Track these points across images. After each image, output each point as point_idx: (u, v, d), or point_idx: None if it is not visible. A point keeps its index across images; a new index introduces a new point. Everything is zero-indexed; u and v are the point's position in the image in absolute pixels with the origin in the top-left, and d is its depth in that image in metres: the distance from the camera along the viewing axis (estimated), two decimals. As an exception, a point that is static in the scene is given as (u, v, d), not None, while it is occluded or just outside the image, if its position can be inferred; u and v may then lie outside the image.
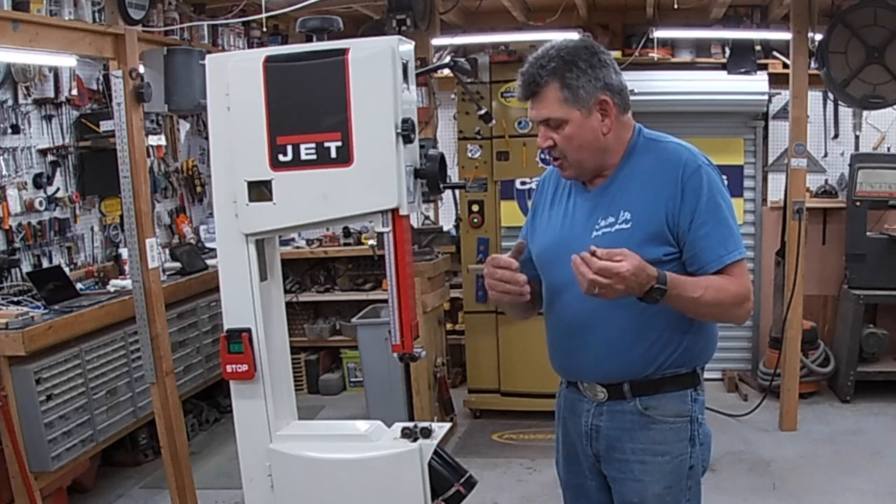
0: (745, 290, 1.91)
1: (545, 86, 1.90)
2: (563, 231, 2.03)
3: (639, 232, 1.89)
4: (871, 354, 5.22)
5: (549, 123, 1.92)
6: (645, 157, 1.96)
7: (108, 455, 4.41)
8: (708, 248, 1.88)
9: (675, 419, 1.97)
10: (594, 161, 1.95)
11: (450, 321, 5.64)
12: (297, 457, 1.99)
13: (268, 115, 1.87)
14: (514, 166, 4.97)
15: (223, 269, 2.01)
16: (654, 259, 1.85)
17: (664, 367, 1.95)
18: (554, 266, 2.02)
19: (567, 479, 2.18)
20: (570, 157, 1.94)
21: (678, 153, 1.93)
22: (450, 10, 5.23)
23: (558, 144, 1.93)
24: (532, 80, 1.91)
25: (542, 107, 1.92)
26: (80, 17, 3.77)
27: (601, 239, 1.91)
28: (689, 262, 1.91)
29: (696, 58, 5.80)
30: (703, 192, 1.88)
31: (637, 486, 1.98)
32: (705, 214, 1.87)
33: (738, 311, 1.92)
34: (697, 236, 1.88)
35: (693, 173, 1.89)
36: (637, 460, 1.98)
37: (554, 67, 1.89)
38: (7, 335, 3.34)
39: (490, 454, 4.59)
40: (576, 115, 1.90)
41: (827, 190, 5.73)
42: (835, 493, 3.93)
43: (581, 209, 2.01)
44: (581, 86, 1.88)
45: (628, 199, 1.93)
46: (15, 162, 4.16)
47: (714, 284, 1.88)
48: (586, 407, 2.04)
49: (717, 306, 1.89)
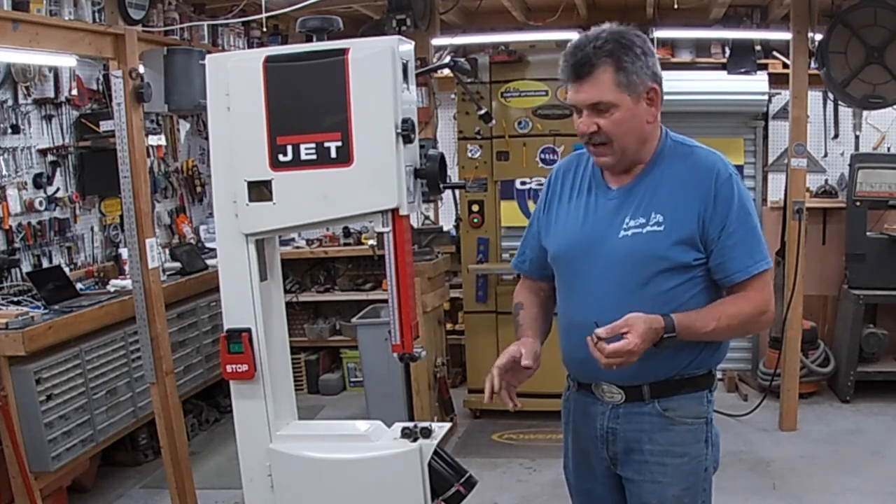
0: (764, 302, 1.92)
1: (599, 67, 1.84)
2: (585, 229, 1.99)
3: (672, 235, 1.88)
4: (871, 354, 5.21)
5: (598, 107, 1.87)
6: (676, 161, 1.95)
7: (108, 455, 4.41)
8: (736, 258, 1.89)
9: (693, 420, 1.97)
10: (636, 149, 1.93)
11: (450, 321, 5.64)
12: (297, 457, 1.99)
13: (268, 115, 1.87)
14: (514, 166, 4.97)
15: (223, 269, 2.01)
16: (683, 263, 1.88)
17: (685, 369, 1.95)
18: (575, 265, 2.00)
19: (577, 484, 2.16)
20: (616, 143, 1.89)
21: (711, 161, 1.94)
22: (450, 10, 5.23)
23: (604, 129, 1.88)
24: (586, 61, 1.84)
25: (593, 89, 1.85)
26: (80, 17, 3.78)
27: (631, 239, 1.90)
28: (715, 271, 1.91)
29: (696, 58, 5.81)
30: (735, 202, 1.88)
31: (656, 488, 1.97)
32: (736, 223, 1.88)
33: (757, 326, 1.97)
34: (726, 245, 1.88)
35: (725, 182, 1.89)
36: (656, 462, 1.97)
37: (611, 49, 1.84)
38: (7, 335, 3.33)
39: (490, 454, 4.59)
40: (627, 101, 1.86)
41: (827, 190, 5.73)
42: (835, 493, 3.93)
43: (604, 207, 1.98)
44: (636, 71, 1.85)
45: (659, 201, 1.91)
46: (15, 162, 4.16)
47: (727, 311, 1.90)
48: (600, 410, 2.02)
49: (733, 330, 1.93)
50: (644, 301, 1.87)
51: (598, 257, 1.94)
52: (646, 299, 1.88)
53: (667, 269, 1.89)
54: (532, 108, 4.89)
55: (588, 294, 1.96)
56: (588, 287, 1.96)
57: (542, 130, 4.89)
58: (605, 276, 1.93)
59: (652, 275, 1.89)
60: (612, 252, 1.92)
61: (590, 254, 1.96)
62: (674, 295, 1.89)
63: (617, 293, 1.90)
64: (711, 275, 1.92)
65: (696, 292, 1.92)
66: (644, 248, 1.88)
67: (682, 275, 1.90)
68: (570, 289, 2.03)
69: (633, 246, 1.90)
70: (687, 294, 1.91)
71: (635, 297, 1.88)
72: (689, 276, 1.90)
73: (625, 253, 1.90)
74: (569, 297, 2.04)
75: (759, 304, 1.91)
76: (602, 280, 1.93)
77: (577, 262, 1.98)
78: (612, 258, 1.92)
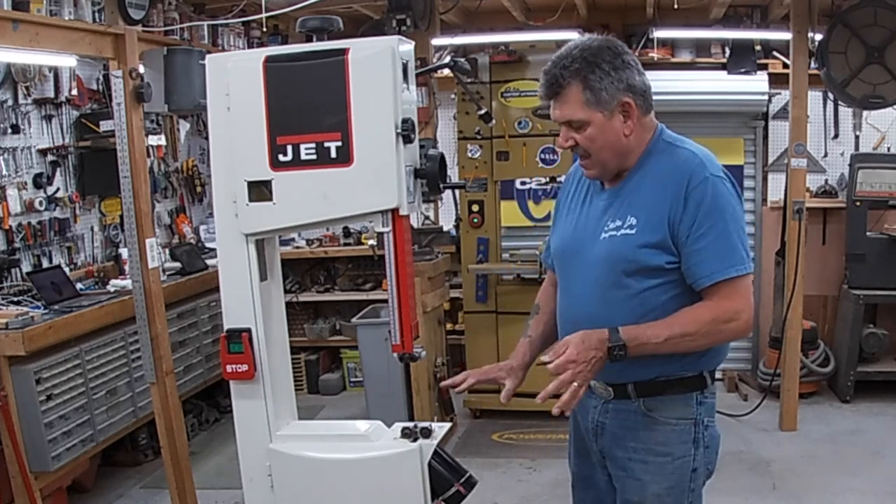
0: (730, 311, 1.83)
1: (567, 87, 1.87)
2: (576, 230, 2.03)
3: (641, 238, 1.88)
4: (871, 354, 5.21)
5: (571, 124, 1.90)
6: (659, 162, 1.93)
7: (108, 455, 4.41)
8: (703, 263, 1.84)
9: (678, 421, 1.97)
10: (616, 162, 1.94)
11: (450, 321, 5.64)
12: (297, 457, 1.99)
13: (268, 115, 1.87)
14: (514, 166, 4.96)
15: (223, 269, 2.02)
16: (655, 266, 1.87)
17: (668, 370, 1.94)
18: (565, 265, 2.06)
19: (578, 470, 2.21)
20: (593, 157, 1.93)
21: (688, 162, 1.89)
22: (450, 10, 5.23)
23: (580, 144, 1.91)
24: (554, 81, 1.88)
25: (564, 108, 1.89)
26: (80, 17, 3.78)
27: (608, 241, 1.92)
28: (686, 275, 1.88)
29: (696, 58, 5.80)
30: (706, 204, 1.83)
31: (637, 486, 1.99)
32: (705, 226, 1.82)
33: (722, 336, 1.88)
34: (693, 249, 1.84)
35: (699, 184, 1.84)
36: (638, 459, 1.98)
37: (577, 68, 1.85)
38: (7, 335, 3.33)
39: (490, 454, 4.59)
40: (598, 117, 1.87)
41: (827, 190, 5.73)
42: (835, 493, 3.93)
43: (595, 209, 2.01)
44: (604, 88, 1.85)
45: (637, 203, 1.91)
46: (15, 162, 4.16)
47: (681, 320, 1.84)
48: (593, 403, 2.05)
49: (695, 340, 1.84)
50: (617, 303, 1.89)
51: (582, 258, 1.98)
52: (619, 301, 1.89)
53: (636, 272, 1.88)
54: (532, 108, 4.88)
55: (573, 293, 2.01)
56: (574, 286, 2.00)
57: (542, 130, 4.89)
58: (586, 277, 1.96)
59: (622, 276, 1.89)
60: (593, 253, 1.95)
61: (577, 254, 2.00)
62: (647, 297, 1.88)
63: (594, 294, 1.94)
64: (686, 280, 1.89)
65: (671, 295, 1.89)
66: (616, 250, 1.90)
67: (654, 277, 1.88)
68: (563, 287, 2.08)
69: (608, 248, 1.92)
70: (662, 297, 1.89)
71: (609, 298, 1.91)
72: (664, 280, 1.88)
73: (602, 255, 1.93)
74: (561, 295, 2.08)
75: (722, 312, 1.83)
76: (584, 280, 1.97)
77: (568, 261, 2.04)
78: (592, 259, 1.95)
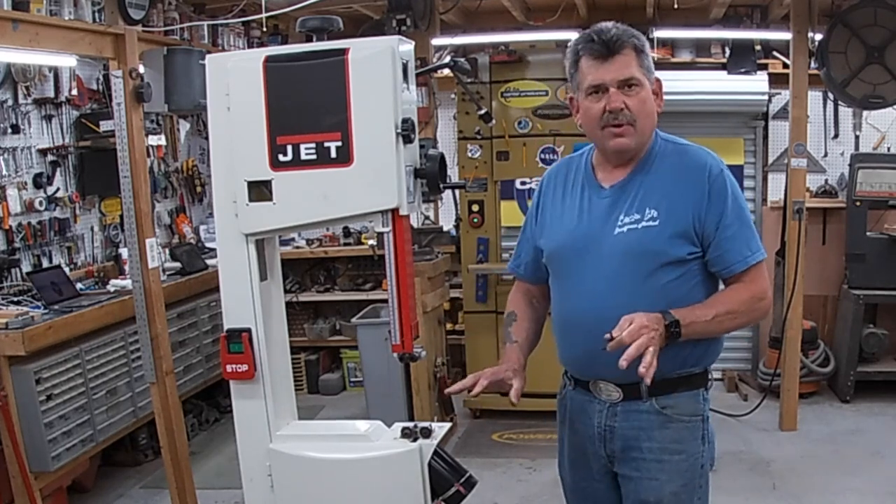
0: (762, 290, 1.96)
1: (625, 48, 1.91)
2: (580, 228, 2.01)
3: (667, 229, 1.91)
4: (871, 354, 5.21)
5: (628, 82, 1.91)
6: (668, 158, 1.99)
7: (108, 455, 4.41)
8: (733, 250, 1.93)
9: (690, 418, 1.98)
10: (648, 137, 1.99)
11: (450, 321, 5.64)
12: (297, 457, 1.99)
13: (268, 115, 1.87)
14: (514, 166, 4.96)
15: (223, 269, 2.01)
16: (679, 257, 1.90)
17: (683, 366, 1.96)
18: (570, 263, 2.02)
19: (573, 482, 2.17)
20: (638, 123, 1.94)
21: (702, 157, 1.98)
22: (450, 10, 5.23)
23: (631, 108, 1.92)
24: (618, 39, 1.91)
25: (624, 66, 1.91)
26: (80, 17, 3.78)
27: (626, 235, 1.93)
28: (714, 263, 1.94)
29: (696, 58, 5.80)
30: (729, 195, 1.93)
31: (654, 485, 1.98)
32: (731, 216, 1.92)
33: (757, 313, 1.98)
34: (724, 238, 1.92)
35: (717, 177, 1.94)
36: (654, 459, 1.98)
37: (633, 36, 1.93)
38: (7, 335, 3.33)
39: (490, 454, 4.59)
40: (646, 84, 1.94)
41: (827, 190, 5.73)
42: (835, 493, 3.93)
43: (598, 206, 2.00)
44: (649, 61, 1.96)
45: (653, 197, 1.94)
46: (15, 162, 4.16)
47: (720, 300, 1.95)
48: (598, 408, 2.03)
49: (735, 317, 1.93)
50: (642, 296, 1.88)
51: (594, 255, 1.96)
52: (643, 294, 1.89)
53: (664, 264, 1.91)
54: (532, 108, 4.89)
55: (585, 292, 1.98)
56: (585, 285, 1.97)
57: (542, 130, 4.89)
58: (602, 273, 1.94)
59: (649, 270, 1.91)
60: (608, 249, 1.94)
61: (586, 252, 1.98)
62: (671, 289, 1.91)
63: (614, 289, 1.92)
64: (709, 267, 1.96)
65: (692, 286, 1.94)
66: (640, 242, 1.91)
67: (677, 269, 1.92)
68: (567, 287, 2.05)
69: (629, 241, 1.92)
70: (683, 287, 1.93)
71: (633, 292, 1.90)
72: (685, 271, 1.93)
73: (621, 249, 1.93)
74: (565, 296, 2.05)
75: (756, 292, 1.95)
76: (599, 277, 1.95)
77: (573, 260, 2.01)
78: (608, 255, 1.94)
